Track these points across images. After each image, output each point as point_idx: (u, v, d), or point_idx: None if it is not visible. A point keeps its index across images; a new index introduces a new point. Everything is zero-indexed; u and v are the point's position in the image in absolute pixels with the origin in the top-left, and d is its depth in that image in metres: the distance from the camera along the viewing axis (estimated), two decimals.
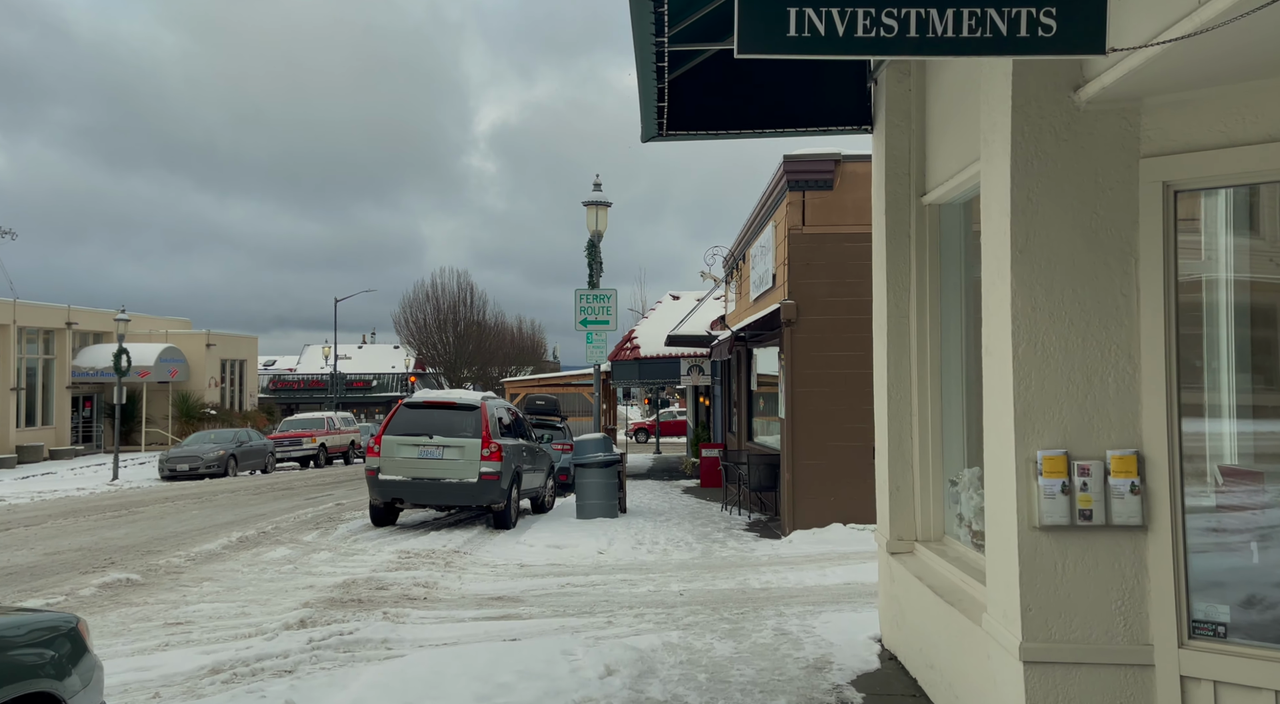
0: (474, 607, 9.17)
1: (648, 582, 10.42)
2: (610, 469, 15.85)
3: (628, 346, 28.25)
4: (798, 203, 13.32)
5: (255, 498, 20.63)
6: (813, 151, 13.12)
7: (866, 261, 13.59)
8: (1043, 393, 4.32)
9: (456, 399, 15.49)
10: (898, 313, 7.02)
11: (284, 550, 12.37)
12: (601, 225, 16.66)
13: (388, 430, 15.05)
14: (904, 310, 7.01)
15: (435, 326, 65.94)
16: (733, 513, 16.89)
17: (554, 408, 23.60)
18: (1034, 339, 4.35)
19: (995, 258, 4.62)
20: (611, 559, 12.12)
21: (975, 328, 6.64)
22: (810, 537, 13.02)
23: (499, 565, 11.73)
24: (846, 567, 10.75)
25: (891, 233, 7.03)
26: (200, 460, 30.28)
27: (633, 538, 13.65)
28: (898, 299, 7.02)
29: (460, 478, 14.66)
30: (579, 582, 10.49)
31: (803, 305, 13.32)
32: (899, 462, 7.00)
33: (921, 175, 6.96)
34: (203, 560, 11.57)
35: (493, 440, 14.83)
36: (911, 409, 6.95)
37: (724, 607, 9.00)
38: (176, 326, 47.22)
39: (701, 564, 11.59)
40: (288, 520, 15.88)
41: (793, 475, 13.44)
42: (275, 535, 13.89)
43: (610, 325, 16.79)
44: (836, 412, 13.24)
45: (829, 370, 13.28)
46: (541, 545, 13.08)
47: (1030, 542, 4.30)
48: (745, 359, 19.85)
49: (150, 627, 8.12)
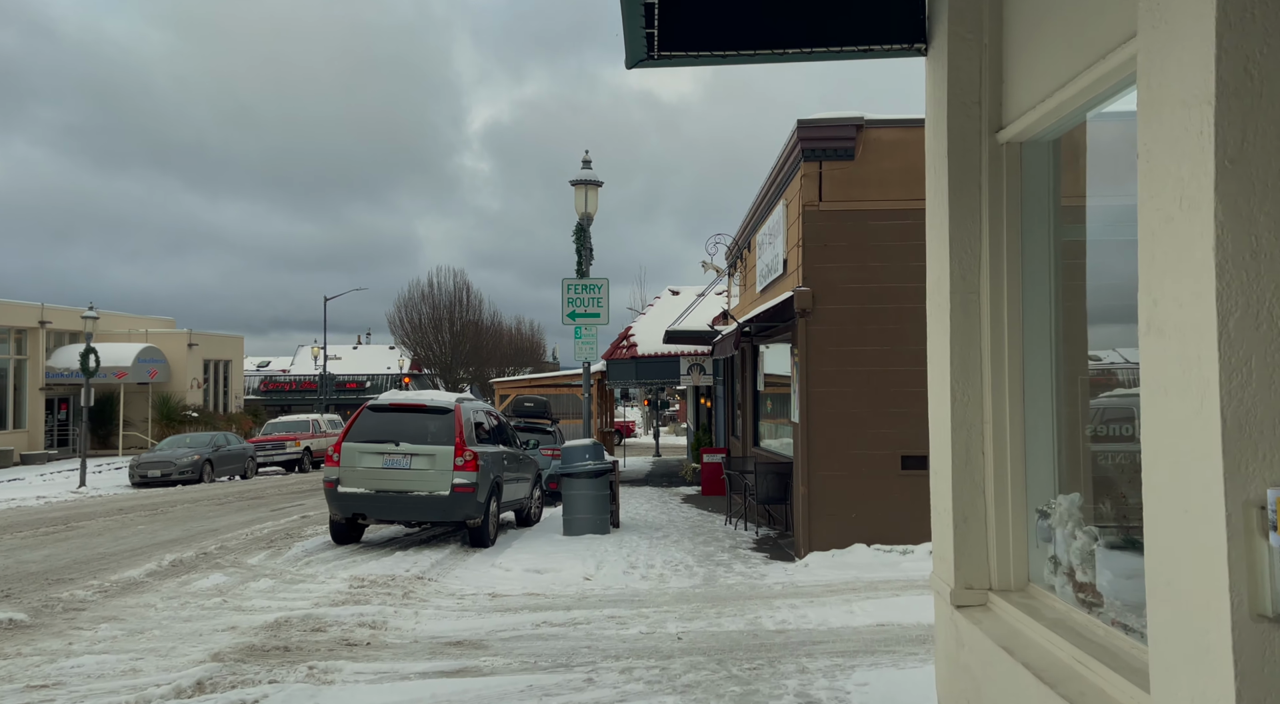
0: (425, 656, 7.46)
1: (640, 620, 8.72)
2: (601, 479, 14.14)
3: (624, 345, 26.54)
4: (814, 175, 11.61)
5: (217, 509, 18.92)
6: (831, 115, 11.41)
7: (894, 242, 11.95)
8: (1274, 393, 2.62)
9: (427, 401, 13.78)
10: (964, 288, 5.29)
11: (219, 577, 10.66)
12: (591, 207, 14.94)
13: (348, 436, 13.35)
14: (972, 284, 5.28)
15: (431, 327, 64.74)
16: (737, 527, 15.19)
17: (544, 410, 21.88)
18: (1255, 304, 2.65)
19: (1172, 178, 2.91)
20: (599, 587, 10.42)
21: (1070, 303, 4.95)
22: (829, 560, 11.31)
23: (467, 595, 10.03)
24: (877, 601, 9.04)
25: (956, 183, 5.30)
26: (173, 466, 28.61)
27: (625, 559, 11.95)
28: (964, 270, 5.29)
29: (430, 490, 12.96)
30: (558, 619, 8.78)
31: (820, 293, 11.61)
32: (966, 484, 5.27)
33: (996, 105, 5.23)
34: (116, 592, 9.86)
35: (467, 448, 13.12)
36: (983, 414, 5.23)
37: (732, 657, 7.30)
38: (157, 326, 45.53)
39: (704, 595, 9.89)
40: (239, 537, 14.17)
41: (808, 488, 11.73)
42: (217, 557, 12.18)
43: (601, 319, 15.08)
44: (859, 415, 11.54)
45: (850, 367, 11.58)
46: (519, 569, 11.37)
47: (1256, 640, 2.59)
48: (751, 357, 18.14)
49: (6, 692, 6.41)
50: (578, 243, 14.89)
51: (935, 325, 5.57)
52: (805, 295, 11.57)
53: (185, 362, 43.34)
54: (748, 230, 17.78)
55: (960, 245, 5.30)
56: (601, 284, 14.96)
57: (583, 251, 14.90)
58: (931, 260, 5.62)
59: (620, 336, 27.42)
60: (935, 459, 5.57)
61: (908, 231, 11.40)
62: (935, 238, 5.57)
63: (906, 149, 11.36)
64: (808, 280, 11.66)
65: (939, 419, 5.53)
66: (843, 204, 11.53)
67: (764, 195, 14.78)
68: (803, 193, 11.63)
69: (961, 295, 5.27)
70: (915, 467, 11.41)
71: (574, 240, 14.90)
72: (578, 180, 14.83)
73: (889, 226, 11.39)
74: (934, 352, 5.62)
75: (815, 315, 11.61)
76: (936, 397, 5.58)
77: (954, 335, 5.30)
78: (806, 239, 11.65)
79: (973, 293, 5.27)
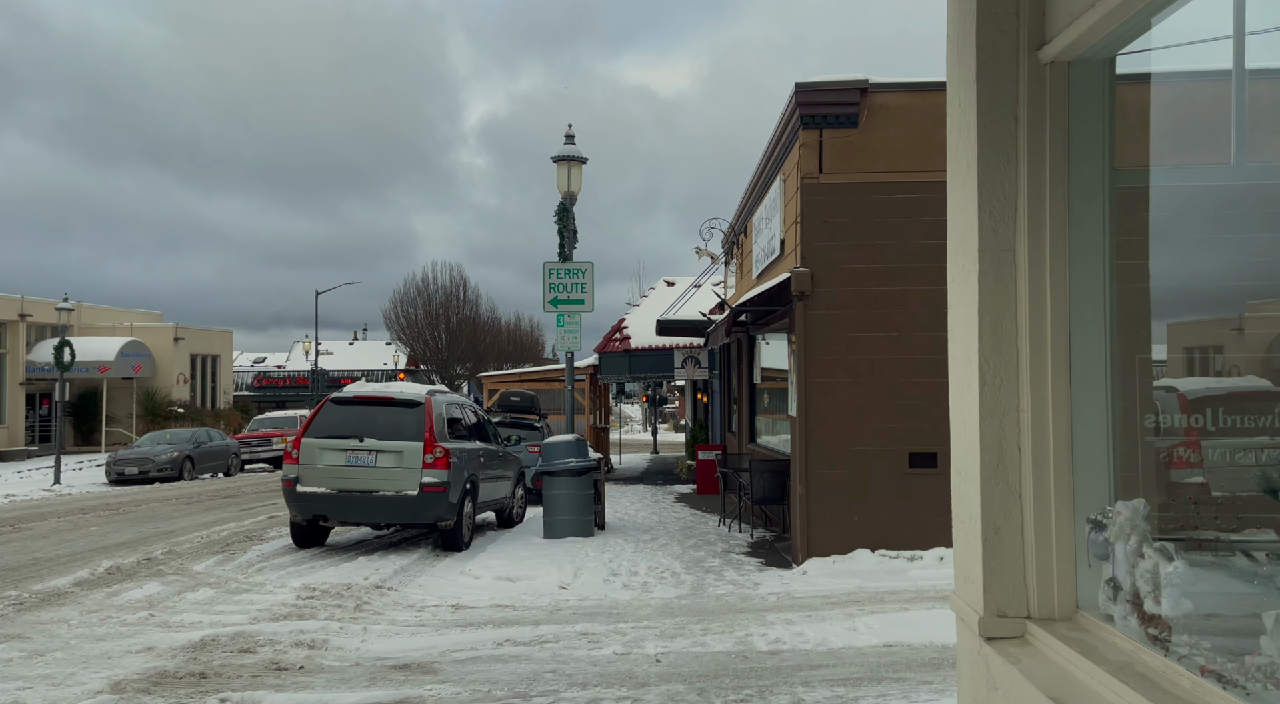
0: (363, 684, 6.45)
1: (615, 637, 7.70)
2: (584, 478, 13.12)
3: (617, 337, 25.52)
4: (813, 145, 10.57)
5: (183, 509, 17.91)
6: (832, 78, 10.38)
7: (902, 218, 10.87)
8: None
9: (394, 394, 12.76)
10: (996, 244, 4.26)
11: (154, 587, 9.65)
12: (575, 186, 13.89)
13: (308, 432, 12.32)
14: (1006, 240, 4.25)
15: (426, 322, 63.89)
16: (731, 529, 14.18)
17: (531, 404, 20.84)
18: None
19: None
20: (575, 597, 9.42)
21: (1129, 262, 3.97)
22: (829, 567, 10.30)
23: (428, 607, 9.03)
24: (883, 616, 8.02)
25: (986, 114, 4.26)
26: (151, 463, 27.62)
27: (606, 566, 10.94)
28: (996, 222, 4.26)
29: (397, 490, 11.94)
30: (524, 637, 7.77)
31: (819, 274, 10.59)
32: (998, 487, 4.24)
33: (1038, 14, 4.18)
34: (35, 604, 8.85)
35: (438, 444, 12.10)
36: (1019, 400, 4.20)
37: (716, 686, 6.29)
38: (143, 319, 44.52)
39: (690, 607, 8.88)
40: (194, 540, 13.16)
41: (806, 488, 10.71)
42: (160, 563, 11.17)
43: (586, 306, 14.03)
44: (862, 408, 10.52)
45: (853, 356, 10.56)
46: (490, 577, 10.37)
47: None
48: (747, 348, 17.12)
49: None
50: (560, 223, 13.84)
51: (960, 292, 4.55)
52: (804, 276, 10.55)
53: (171, 356, 42.30)
54: (744, 214, 16.76)
55: (992, 192, 4.26)
56: (586, 268, 13.91)
57: (565, 233, 13.85)
58: (954, 213, 4.59)
59: (613, 329, 26.41)
60: (958, 456, 4.54)
61: (918, 206, 10.38)
62: (960, 184, 4.55)
63: (916, 115, 10.35)
64: (807, 260, 10.64)
65: (963, 407, 4.51)
66: (845, 176, 10.50)
67: (760, 172, 13.75)
68: (801, 164, 10.60)
69: (993, 254, 4.24)
70: (924, 464, 10.41)
71: (556, 221, 13.85)
72: (560, 156, 13.78)
73: (896, 201, 10.38)
74: (957, 325, 4.59)
75: (815, 298, 10.59)
76: (961, 380, 4.56)
77: (983, 304, 4.27)
78: (805, 215, 10.62)
79: (1007, 250, 4.23)
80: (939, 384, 10.59)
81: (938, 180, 10.72)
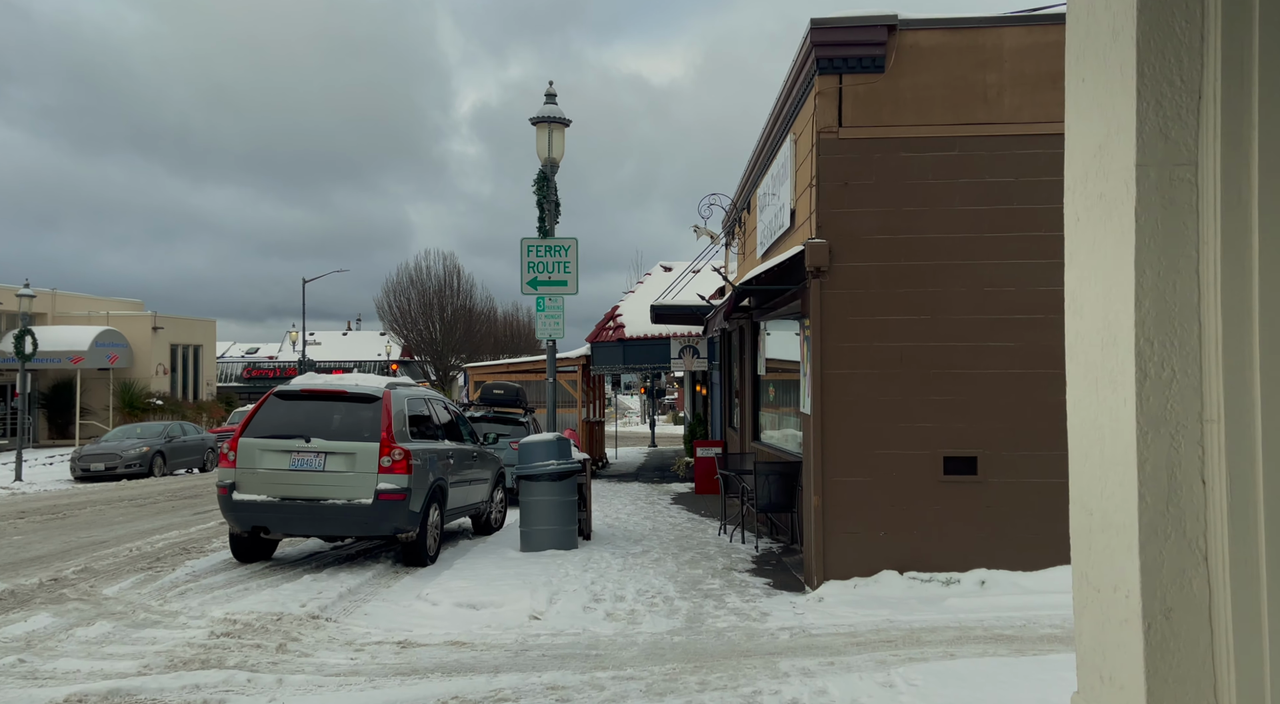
0: None
1: (591, 693, 6.14)
2: (566, 483, 11.56)
3: (610, 325, 23.92)
4: (831, 93, 8.95)
5: (132, 512, 16.34)
6: (855, 12, 8.76)
7: (937, 180, 9.19)
8: None
9: (349, 387, 11.17)
10: (1166, 157, 2.62)
11: (43, 620, 8.08)
12: (556, 152, 12.26)
13: (247, 430, 10.75)
14: (1184, 148, 2.62)
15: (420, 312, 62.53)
16: (733, 538, 12.63)
17: (516, 397, 19.25)
18: None
19: None
20: (548, 631, 7.86)
21: None
22: (850, 592, 8.73)
23: (368, 645, 7.47)
24: (924, 666, 6.44)
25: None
26: (119, 459, 26.10)
27: (588, 588, 9.38)
28: (1168, 123, 2.61)
29: (349, 498, 10.37)
30: (477, 693, 6.20)
31: (838, 247, 8.99)
32: (1168, 543, 2.63)
33: None
34: None
35: (396, 445, 10.52)
36: (1205, 406, 2.59)
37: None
38: (121, 308, 42.91)
39: (685, 647, 7.31)
40: (120, 554, 11.58)
41: (823, 498, 9.13)
42: (67, 585, 9.59)
43: (569, 288, 12.42)
44: (889, 404, 8.94)
45: (878, 342, 8.97)
46: (449, 603, 8.81)
47: None
48: (750, 336, 15.54)
49: None
50: (539, 194, 12.21)
51: (1090, 236, 2.90)
52: (819, 249, 8.95)
53: (150, 346, 40.72)
54: (746, 188, 15.15)
55: (1160, 70, 2.63)
56: (569, 245, 12.29)
57: (545, 204, 12.22)
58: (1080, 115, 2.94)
59: (607, 317, 24.81)
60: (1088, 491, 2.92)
61: (956, 166, 8.79)
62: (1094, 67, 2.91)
63: (953, 58, 8.75)
64: (823, 231, 9.04)
65: (1098, 414, 2.87)
66: (869, 130, 8.89)
67: (766, 136, 12.13)
68: (817, 117, 8.98)
69: (1161, 170, 2.60)
70: (961, 471, 8.84)
71: (535, 191, 12.22)
72: (540, 117, 12.15)
73: (930, 159, 8.78)
74: (1083, 287, 2.94)
75: (832, 275, 8.99)
76: (1091, 372, 2.93)
77: (1142, 250, 2.62)
78: (822, 177, 9.01)
79: (1185, 165, 2.60)
80: (981, 377, 8.62)
81: (979, 135, 8.79)
